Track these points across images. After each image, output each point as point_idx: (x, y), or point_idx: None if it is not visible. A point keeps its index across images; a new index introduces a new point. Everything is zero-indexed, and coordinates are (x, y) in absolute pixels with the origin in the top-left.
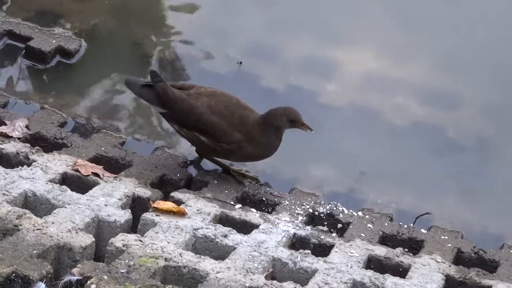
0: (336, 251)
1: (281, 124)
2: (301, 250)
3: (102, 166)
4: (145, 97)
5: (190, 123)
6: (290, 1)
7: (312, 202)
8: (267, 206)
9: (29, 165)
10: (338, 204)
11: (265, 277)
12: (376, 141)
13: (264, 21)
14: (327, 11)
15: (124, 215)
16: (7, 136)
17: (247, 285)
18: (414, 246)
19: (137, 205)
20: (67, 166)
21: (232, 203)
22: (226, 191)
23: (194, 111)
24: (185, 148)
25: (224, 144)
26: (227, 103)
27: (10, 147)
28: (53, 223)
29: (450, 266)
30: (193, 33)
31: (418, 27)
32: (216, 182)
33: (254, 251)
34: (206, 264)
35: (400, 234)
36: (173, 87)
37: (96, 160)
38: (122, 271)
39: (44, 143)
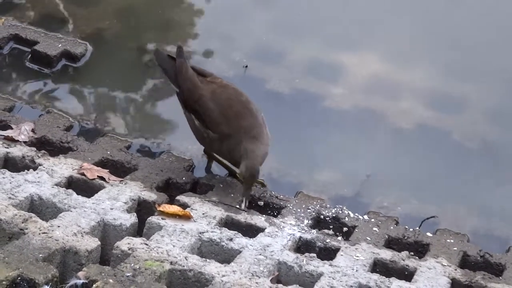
0: (341, 255)
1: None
2: (306, 254)
3: (108, 170)
4: (167, 71)
5: (191, 103)
6: (295, 5)
7: (318, 205)
8: (272, 210)
9: (35, 169)
10: (344, 208)
11: (271, 280)
12: (381, 144)
13: (270, 24)
14: (332, 15)
15: (130, 219)
16: (13, 140)
17: None
18: (420, 250)
19: (142, 209)
20: (73, 169)
21: (237, 206)
22: (232, 195)
23: (196, 91)
24: (192, 152)
25: (210, 132)
26: (232, 96)
27: (16, 151)
28: (58, 226)
29: (456, 270)
30: (198, 37)
31: (423, 30)
32: (221, 185)
33: (260, 254)
34: (212, 268)
35: (405, 237)
36: (193, 69)
37: (102, 163)
38: (128, 274)
39: (50, 147)
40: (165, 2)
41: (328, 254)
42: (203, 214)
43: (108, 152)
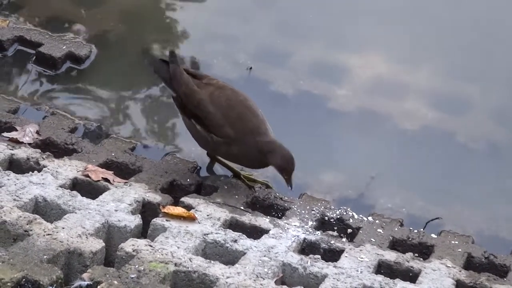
0: (346, 256)
1: (272, 162)
2: (311, 255)
3: (112, 172)
4: (162, 76)
5: (190, 109)
6: (299, 6)
7: (322, 207)
8: (277, 211)
9: (39, 170)
10: (348, 209)
11: (275, 282)
12: (385, 145)
13: (274, 26)
14: (336, 16)
15: (134, 220)
16: (17, 142)
17: None
18: (424, 251)
19: (147, 210)
20: (78, 171)
21: (242, 208)
22: (236, 196)
23: (194, 96)
24: (196, 154)
25: (214, 135)
26: (231, 97)
27: (21, 153)
28: (63, 228)
29: (460, 271)
30: (202, 39)
31: (427, 31)
32: (226, 187)
33: (264, 256)
34: (216, 269)
35: (410, 239)
36: (187, 73)
37: (106, 165)
38: (132, 276)
39: (55, 149)
40: (169, 4)
41: (332, 255)
42: (208, 215)
43: (113, 154)
